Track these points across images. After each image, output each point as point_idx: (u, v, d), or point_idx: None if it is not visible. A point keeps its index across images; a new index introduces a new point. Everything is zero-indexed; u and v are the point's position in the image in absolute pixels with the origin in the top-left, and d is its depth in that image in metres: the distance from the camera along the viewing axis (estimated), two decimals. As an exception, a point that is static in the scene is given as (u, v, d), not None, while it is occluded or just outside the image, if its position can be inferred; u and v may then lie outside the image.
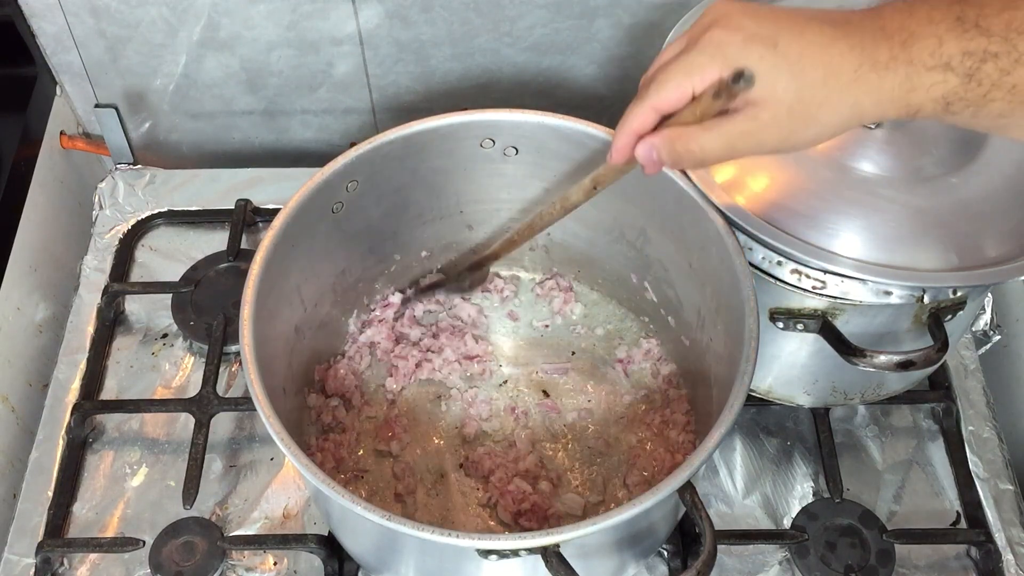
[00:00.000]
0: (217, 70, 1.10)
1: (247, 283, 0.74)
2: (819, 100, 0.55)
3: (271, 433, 0.67)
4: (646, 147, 0.61)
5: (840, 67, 0.54)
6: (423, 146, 0.83)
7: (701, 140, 0.58)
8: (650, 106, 0.59)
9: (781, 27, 0.55)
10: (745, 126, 0.56)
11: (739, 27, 0.56)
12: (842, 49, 0.54)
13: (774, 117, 0.56)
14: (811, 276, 0.75)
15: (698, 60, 0.57)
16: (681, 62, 0.57)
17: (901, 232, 0.74)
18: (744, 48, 0.55)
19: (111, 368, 0.97)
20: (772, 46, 0.55)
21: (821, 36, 0.55)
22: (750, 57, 0.55)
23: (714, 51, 0.56)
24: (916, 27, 0.53)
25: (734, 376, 0.68)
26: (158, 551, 0.84)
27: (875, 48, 0.54)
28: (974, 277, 0.73)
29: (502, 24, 1.05)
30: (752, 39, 0.55)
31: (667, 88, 0.58)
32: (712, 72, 0.56)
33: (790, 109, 0.55)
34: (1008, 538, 0.86)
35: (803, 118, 0.56)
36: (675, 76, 0.57)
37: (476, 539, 0.63)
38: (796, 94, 0.55)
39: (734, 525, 0.87)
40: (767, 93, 0.55)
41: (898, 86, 0.54)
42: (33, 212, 1.05)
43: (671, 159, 0.60)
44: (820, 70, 0.54)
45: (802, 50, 0.54)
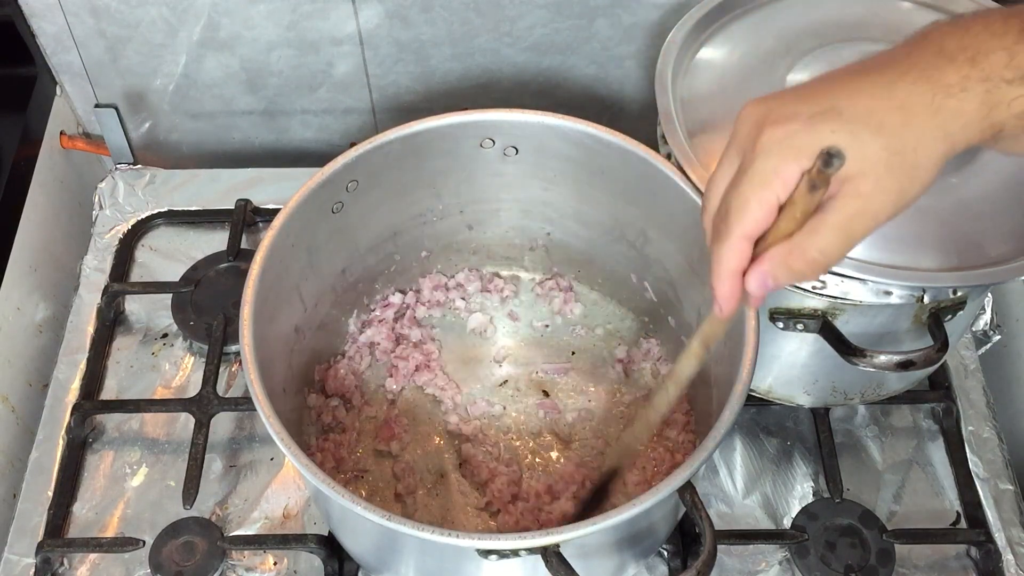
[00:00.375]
0: (217, 70, 1.10)
1: (247, 283, 0.74)
2: (911, 145, 0.50)
3: (271, 433, 0.67)
4: (758, 281, 0.53)
5: (914, 104, 0.50)
6: (423, 146, 0.83)
7: (817, 243, 0.51)
8: (741, 237, 0.53)
9: (835, 94, 0.51)
10: (853, 206, 0.51)
11: (792, 115, 0.51)
12: (907, 86, 0.50)
13: (877, 183, 0.50)
14: (811, 276, 0.75)
15: (769, 164, 0.51)
16: (751, 175, 0.51)
17: (901, 232, 0.74)
18: (812, 131, 0.50)
19: (111, 368, 0.97)
20: (837, 115, 0.50)
21: (878, 87, 0.51)
22: (823, 137, 0.49)
23: (781, 149, 0.50)
24: (979, 44, 0.50)
25: (734, 376, 0.68)
26: (158, 551, 0.84)
27: (942, 73, 0.50)
28: (974, 277, 0.73)
29: (502, 24, 1.05)
30: (813, 119, 0.50)
31: (750, 210, 0.52)
32: (790, 171, 0.50)
33: (888, 166, 0.50)
34: (1008, 538, 0.86)
35: (904, 169, 0.51)
36: (752, 192, 0.51)
37: (476, 539, 0.63)
38: (886, 149, 0.50)
39: (734, 525, 0.87)
40: (858, 163, 0.50)
41: (980, 105, 0.50)
42: (33, 212, 1.05)
43: (790, 279, 0.53)
44: (896, 115, 0.50)
45: (868, 105, 0.50)
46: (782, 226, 0.52)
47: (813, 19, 0.88)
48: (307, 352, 0.87)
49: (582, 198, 0.88)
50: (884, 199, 0.51)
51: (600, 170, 0.84)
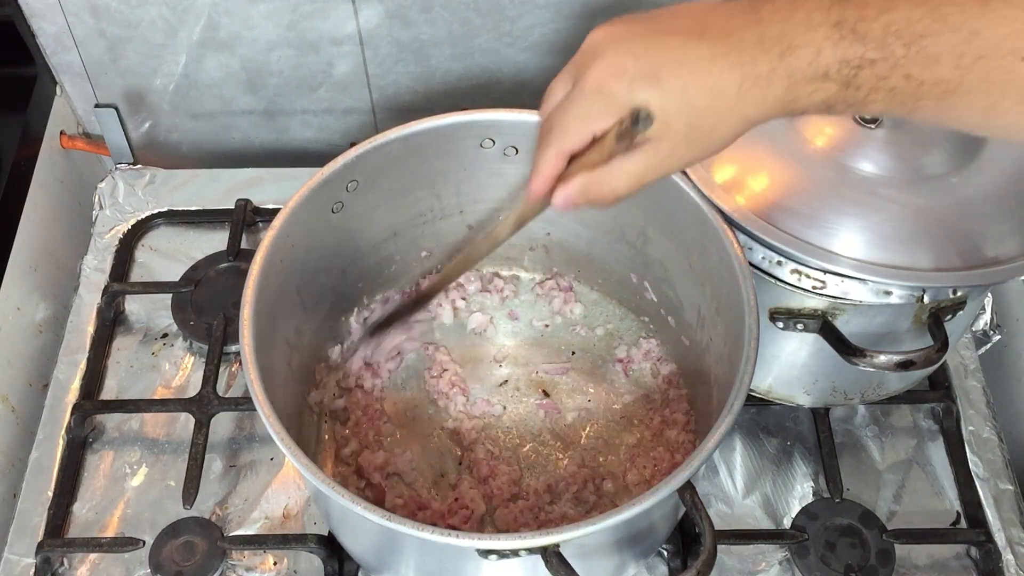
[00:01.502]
0: (217, 70, 1.10)
1: (247, 283, 0.73)
2: (710, 123, 0.57)
3: (271, 433, 0.67)
4: (563, 196, 0.63)
5: (724, 89, 0.56)
6: (423, 146, 0.83)
7: (612, 182, 0.61)
8: (556, 152, 0.62)
9: (661, 59, 0.57)
10: (648, 161, 0.59)
11: (622, 68, 0.57)
12: (723, 70, 0.55)
13: (672, 147, 0.58)
14: (811, 276, 0.75)
15: (592, 108, 0.59)
16: (576, 111, 0.60)
17: (901, 232, 0.74)
18: (631, 91, 0.57)
19: (111, 368, 0.97)
20: (656, 83, 0.56)
21: (700, 61, 0.56)
22: (639, 98, 0.57)
23: (604, 99, 0.58)
24: (795, 35, 0.54)
25: (734, 376, 0.68)
26: (158, 551, 0.84)
27: (755, 63, 0.55)
28: (974, 277, 0.73)
29: (502, 24, 1.05)
30: (636, 80, 0.57)
31: (569, 135, 0.61)
32: (607, 118, 0.58)
33: (686, 137, 0.58)
34: (1008, 538, 0.86)
35: (699, 140, 0.59)
36: (573, 123, 0.60)
37: (476, 539, 0.63)
38: (688, 122, 0.57)
39: (734, 525, 0.87)
40: (661, 128, 0.57)
41: (780, 96, 0.55)
42: (33, 212, 1.05)
43: (586, 202, 0.63)
44: (706, 96, 0.56)
45: (685, 81, 0.56)
46: (592, 156, 0.61)
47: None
48: (307, 352, 0.87)
49: (582, 198, 0.88)
50: (675, 160, 0.59)
51: (600, 170, 0.84)
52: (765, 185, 0.77)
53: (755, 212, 0.75)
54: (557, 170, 0.63)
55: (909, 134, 0.76)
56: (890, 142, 0.76)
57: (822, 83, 0.54)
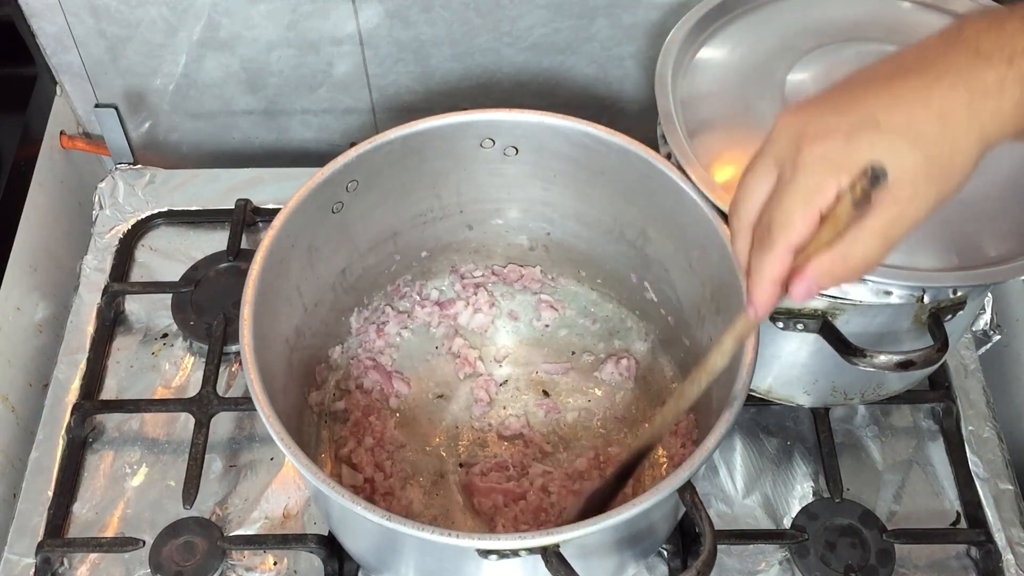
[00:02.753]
0: (217, 70, 1.10)
1: (247, 283, 0.74)
2: (948, 151, 0.52)
3: (271, 433, 0.67)
4: (805, 289, 0.55)
5: (952, 110, 0.51)
6: (423, 146, 0.83)
7: (861, 252, 0.53)
8: (785, 249, 0.54)
9: (871, 104, 0.52)
10: (892, 214, 0.52)
11: (831, 130, 0.52)
12: (944, 92, 0.51)
13: (915, 190, 0.52)
14: (811, 276, 0.75)
15: (812, 181, 0.52)
16: (795, 191, 0.53)
17: (901, 232, 0.74)
18: (851, 148, 0.51)
19: (111, 368, 0.97)
20: (876, 128, 0.51)
21: (915, 91, 0.51)
22: (862, 151, 0.51)
23: (823, 166, 0.52)
24: (1015, 42, 0.50)
25: (734, 376, 0.68)
26: (158, 551, 0.84)
27: (978, 76, 0.50)
28: (974, 277, 0.73)
29: (502, 24, 1.05)
30: (852, 134, 0.51)
31: (794, 224, 0.53)
32: (831, 187, 0.52)
33: (926, 174, 0.52)
34: (1008, 538, 0.86)
35: (940, 174, 0.52)
36: (797, 207, 0.53)
37: (476, 539, 0.63)
38: (924, 159, 0.51)
39: (734, 525, 0.87)
40: (897, 172, 0.51)
41: (1016, 104, 0.51)
42: (33, 212, 1.05)
43: (835, 283, 0.56)
44: (935, 125, 0.51)
45: (907, 115, 0.51)
46: (823, 236, 0.54)
47: (813, 19, 0.88)
48: (307, 352, 0.87)
49: (582, 198, 0.88)
50: (922, 203, 0.52)
51: (600, 170, 0.84)
52: (765, 185, 0.76)
53: (755, 212, 0.75)
54: (784, 271, 0.55)
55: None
56: (890, 142, 0.76)
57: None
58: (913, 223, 0.53)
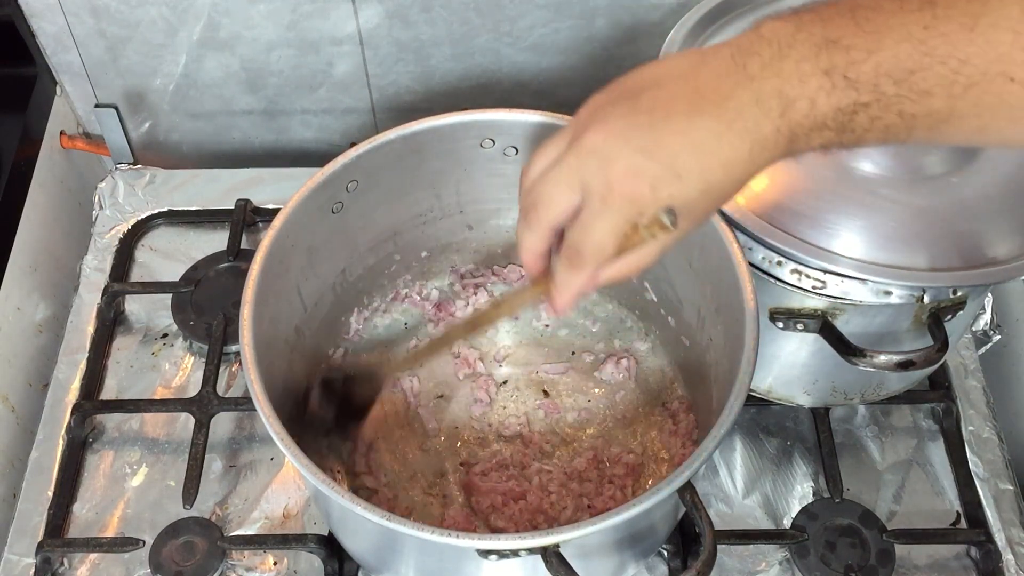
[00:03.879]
0: (217, 70, 1.10)
1: (247, 283, 0.73)
2: (724, 190, 0.58)
3: (271, 433, 0.67)
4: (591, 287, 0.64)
5: (737, 161, 0.56)
6: (423, 146, 0.83)
7: (644, 263, 0.62)
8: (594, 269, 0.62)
9: (674, 149, 0.56)
10: (671, 236, 0.59)
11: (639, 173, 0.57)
12: (732, 142, 0.56)
13: (692, 220, 0.60)
14: (811, 276, 0.75)
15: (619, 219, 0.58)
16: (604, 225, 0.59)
17: (901, 232, 0.74)
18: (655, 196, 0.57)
19: (111, 368, 0.97)
20: (677, 178, 0.56)
21: (709, 139, 0.56)
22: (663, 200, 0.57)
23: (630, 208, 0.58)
24: (788, 89, 0.54)
25: (734, 376, 0.68)
26: (158, 551, 0.84)
27: (759, 127, 0.55)
28: (974, 277, 0.73)
29: (502, 24, 1.05)
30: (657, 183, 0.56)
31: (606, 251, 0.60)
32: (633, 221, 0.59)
33: (704, 210, 0.60)
34: (1008, 538, 0.86)
35: (713, 205, 0.61)
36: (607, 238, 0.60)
37: (476, 539, 0.63)
38: (706, 200, 0.58)
39: (734, 525, 0.87)
40: (684, 213, 0.58)
41: (784, 150, 0.56)
42: (33, 212, 1.05)
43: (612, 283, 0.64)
44: (720, 172, 0.57)
45: (701, 165, 0.56)
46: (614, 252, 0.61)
47: (813, 19, 0.88)
48: (307, 352, 0.87)
49: (582, 198, 0.88)
50: (694, 228, 0.61)
51: (600, 170, 0.84)
52: (765, 185, 0.77)
53: (755, 212, 0.75)
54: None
55: (909, 134, 0.76)
56: (890, 142, 0.76)
57: (820, 131, 0.55)
58: (682, 238, 0.61)
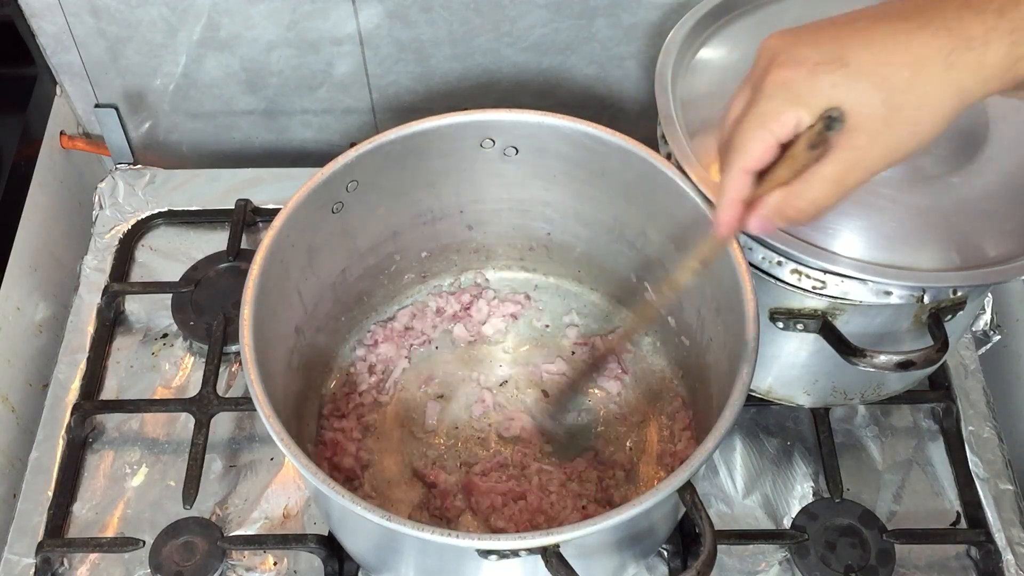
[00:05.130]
0: (217, 70, 1.10)
1: (247, 283, 0.74)
2: (915, 101, 0.50)
3: (271, 433, 0.67)
4: (758, 219, 0.57)
5: (928, 58, 0.49)
6: (423, 146, 0.83)
7: (811, 195, 0.54)
8: (740, 169, 0.55)
9: (845, 43, 0.51)
10: (847, 160, 0.52)
11: (801, 59, 0.51)
12: (925, 39, 0.49)
13: (872, 137, 0.51)
14: (811, 276, 0.75)
15: (770, 107, 0.53)
16: (753, 115, 0.54)
17: (901, 232, 0.74)
18: (812, 81, 0.51)
19: (111, 368, 0.97)
20: (843, 66, 0.50)
21: (895, 36, 0.50)
22: (823, 88, 0.51)
23: (783, 93, 0.52)
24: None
25: (734, 376, 0.68)
26: (158, 551, 0.84)
27: (965, 26, 0.49)
28: (974, 277, 0.73)
29: (502, 24, 1.05)
30: (818, 68, 0.51)
31: (750, 147, 0.54)
32: (788, 117, 0.52)
33: (886, 121, 0.51)
34: (1008, 538, 0.86)
35: (904, 124, 0.51)
36: (753, 131, 0.54)
37: (476, 539, 0.63)
38: (887, 104, 0.50)
39: (734, 525, 0.87)
40: (856, 117, 0.51)
41: (1003, 56, 0.49)
42: (33, 212, 1.05)
43: (786, 223, 0.57)
44: (905, 70, 0.49)
45: (877, 57, 0.50)
46: (781, 172, 0.54)
47: (813, 19, 0.88)
48: (307, 352, 0.87)
49: (582, 198, 0.88)
50: (879, 153, 0.52)
51: (600, 170, 0.84)
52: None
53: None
54: (744, 193, 0.56)
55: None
56: (890, 142, 0.76)
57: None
58: (869, 172, 0.52)
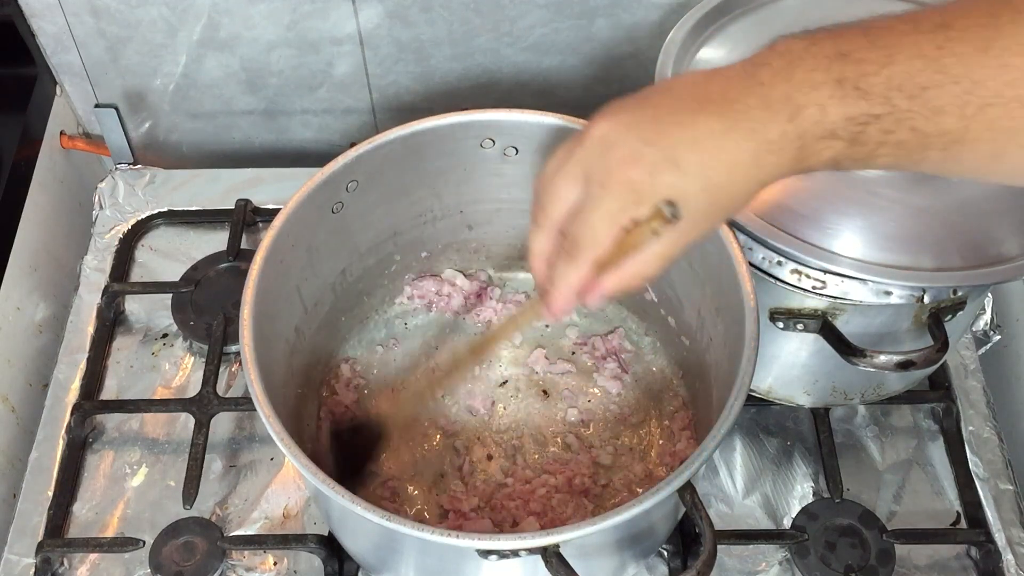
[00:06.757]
0: (217, 70, 1.10)
1: (247, 283, 0.73)
2: (728, 193, 0.57)
3: (271, 433, 0.67)
4: (599, 298, 0.62)
5: (741, 162, 0.55)
6: (423, 146, 0.83)
7: (644, 270, 0.60)
8: (588, 262, 0.60)
9: (674, 140, 0.56)
10: (672, 240, 0.58)
11: (638, 158, 0.56)
12: (737, 141, 0.55)
13: (695, 222, 0.58)
14: (811, 276, 0.75)
15: (617, 205, 0.58)
16: (604, 212, 0.58)
17: (901, 232, 0.74)
18: (653, 182, 0.56)
19: (111, 368, 0.97)
20: (676, 167, 0.56)
21: (712, 136, 0.55)
22: (662, 189, 0.56)
23: (628, 194, 0.57)
24: (799, 95, 0.54)
25: (734, 376, 0.68)
26: (158, 551, 0.84)
27: (765, 129, 0.54)
28: (974, 277, 0.73)
29: (502, 24, 1.05)
30: (656, 169, 0.56)
31: (602, 240, 0.59)
32: (631, 212, 0.57)
33: (706, 212, 0.58)
34: (1008, 538, 0.86)
35: (718, 212, 0.59)
36: (605, 227, 0.59)
37: (476, 539, 0.63)
38: (710, 200, 0.57)
39: (734, 525, 0.87)
40: (684, 209, 0.57)
41: (792, 157, 0.55)
42: (33, 212, 1.05)
43: (621, 294, 0.63)
44: (724, 172, 0.56)
45: (702, 159, 0.56)
46: (616, 252, 0.59)
47: (813, 19, 0.87)
48: (307, 352, 0.87)
49: (582, 198, 0.88)
50: (698, 233, 0.59)
51: (600, 170, 0.84)
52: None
53: (755, 212, 0.75)
54: (584, 283, 0.61)
55: (909, 134, 0.76)
56: (890, 142, 0.76)
57: (830, 141, 0.54)
58: (685, 248, 0.60)
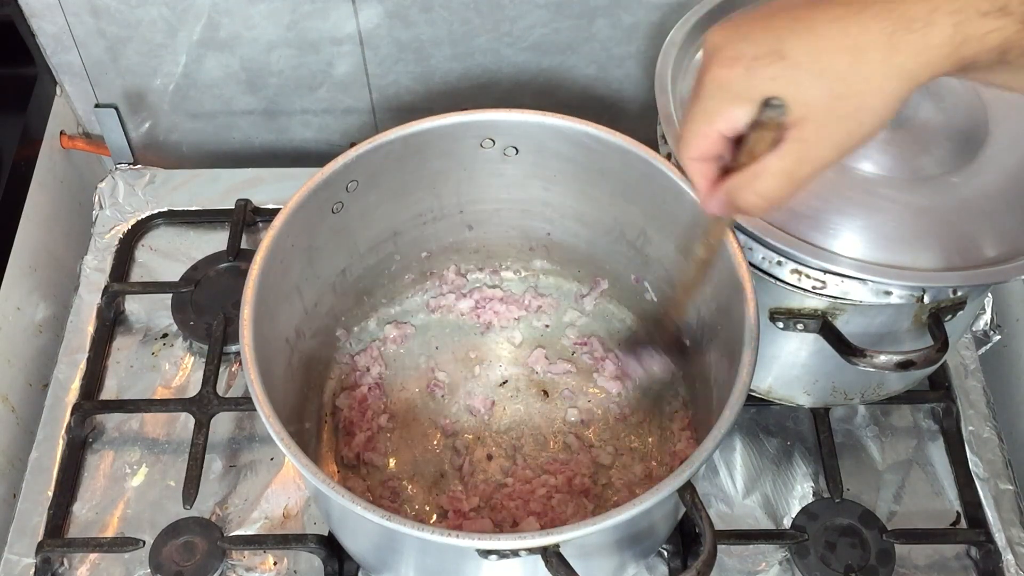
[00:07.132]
0: (217, 70, 1.10)
1: (247, 283, 0.73)
2: (859, 88, 0.49)
3: (271, 433, 0.67)
4: (715, 201, 0.58)
5: (869, 43, 0.47)
6: (423, 146, 0.83)
7: (761, 189, 0.54)
8: (691, 160, 0.57)
9: (781, 33, 0.50)
10: (796, 153, 0.51)
11: (737, 56, 0.51)
12: (865, 22, 0.47)
13: (819, 129, 0.50)
14: (811, 276, 0.75)
15: (709, 105, 0.53)
16: (695, 112, 0.54)
17: (901, 232, 0.74)
18: (750, 78, 0.50)
19: (111, 368, 0.97)
20: (780, 59, 0.49)
21: (833, 22, 0.48)
22: (762, 83, 0.50)
23: (720, 93, 0.52)
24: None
25: (734, 376, 0.68)
26: (158, 551, 0.84)
27: (907, 7, 0.46)
28: (974, 277, 0.73)
29: (502, 24, 1.05)
30: (754, 63, 0.50)
31: (692, 141, 0.55)
32: (730, 113, 0.52)
33: (831, 111, 0.50)
34: (1008, 538, 0.86)
35: (851, 114, 0.50)
36: (695, 127, 0.54)
37: (476, 539, 0.63)
38: (830, 94, 0.49)
39: (734, 525, 0.87)
40: (800, 108, 0.50)
41: (947, 39, 0.46)
42: (33, 212, 1.05)
43: (736, 209, 0.57)
44: (845, 56, 0.48)
45: (814, 45, 0.48)
46: (741, 159, 0.54)
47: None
48: (307, 352, 0.87)
49: (582, 198, 0.88)
50: (828, 144, 0.51)
51: (600, 170, 0.84)
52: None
53: (755, 212, 0.75)
54: (706, 178, 0.57)
55: (910, 134, 0.77)
56: (890, 142, 0.76)
57: (1000, 20, 0.45)
58: (819, 164, 0.51)
